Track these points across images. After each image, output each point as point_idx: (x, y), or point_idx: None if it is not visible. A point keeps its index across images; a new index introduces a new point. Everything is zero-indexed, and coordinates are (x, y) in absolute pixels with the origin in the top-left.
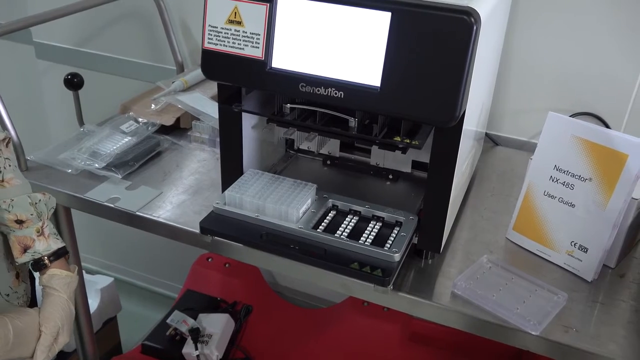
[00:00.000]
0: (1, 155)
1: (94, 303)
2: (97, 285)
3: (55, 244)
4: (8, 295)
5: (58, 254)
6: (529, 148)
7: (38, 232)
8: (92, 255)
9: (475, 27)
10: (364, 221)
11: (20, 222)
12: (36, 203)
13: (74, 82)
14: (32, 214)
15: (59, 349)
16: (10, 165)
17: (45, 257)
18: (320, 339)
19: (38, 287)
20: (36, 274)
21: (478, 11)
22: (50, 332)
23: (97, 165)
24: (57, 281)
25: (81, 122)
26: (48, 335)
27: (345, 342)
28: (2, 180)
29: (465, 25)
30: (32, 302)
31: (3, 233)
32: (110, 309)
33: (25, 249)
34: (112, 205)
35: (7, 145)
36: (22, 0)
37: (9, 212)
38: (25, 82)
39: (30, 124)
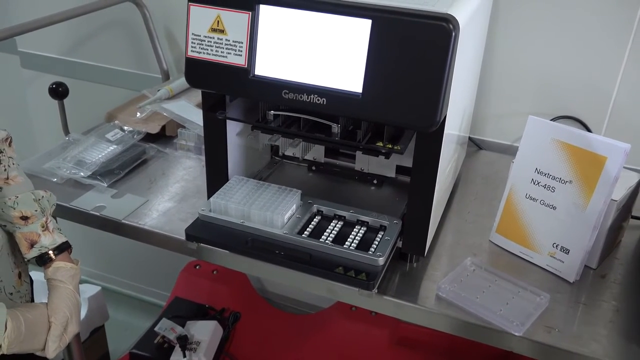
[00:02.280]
0: (5, 154)
1: (81, 312)
2: (84, 295)
3: (60, 238)
4: (11, 294)
5: (62, 248)
6: (512, 152)
7: (43, 227)
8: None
9: (454, 34)
10: (348, 226)
11: (25, 218)
12: (39, 199)
13: (58, 92)
14: (36, 210)
15: (70, 339)
16: (13, 164)
17: (51, 251)
18: (309, 345)
19: (36, 289)
20: (38, 282)
21: (457, 18)
22: (60, 322)
23: (82, 173)
24: (62, 273)
25: (66, 131)
26: (58, 326)
27: (333, 347)
28: (7, 178)
29: (444, 32)
30: None
31: (7, 232)
32: (98, 318)
33: (32, 245)
34: (98, 214)
35: (9, 145)
36: (5, 10)
37: (14, 209)
38: (10, 92)
39: (15, 133)
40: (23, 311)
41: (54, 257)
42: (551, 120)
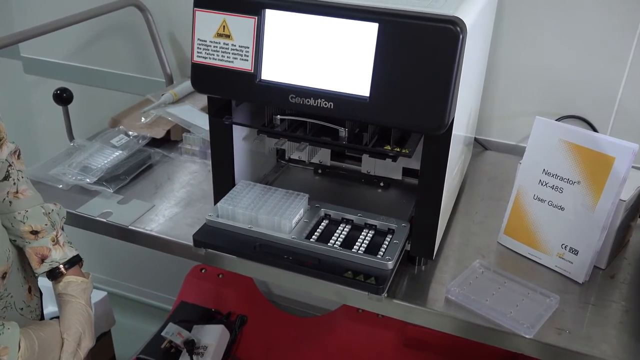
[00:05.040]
0: (14, 167)
1: None
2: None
3: (70, 251)
4: (22, 309)
5: (73, 262)
6: (518, 152)
7: (53, 241)
8: (85, 270)
9: (461, 36)
10: (356, 230)
11: (35, 232)
12: (49, 213)
13: (63, 97)
14: (46, 224)
15: (84, 355)
16: (22, 177)
17: (61, 266)
18: (316, 347)
19: (45, 303)
20: (45, 288)
21: (464, 20)
22: (72, 338)
23: (88, 180)
24: (73, 287)
25: (71, 137)
26: (71, 342)
27: (340, 349)
28: (17, 192)
29: (451, 34)
30: (41, 318)
31: (17, 246)
32: (104, 323)
33: (42, 260)
34: (104, 220)
35: (18, 157)
36: (9, 16)
37: (24, 223)
38: (14, 98)
39: (20, 140)
40: (36, 329)
41: (64, 271)
42: (557, 120)
